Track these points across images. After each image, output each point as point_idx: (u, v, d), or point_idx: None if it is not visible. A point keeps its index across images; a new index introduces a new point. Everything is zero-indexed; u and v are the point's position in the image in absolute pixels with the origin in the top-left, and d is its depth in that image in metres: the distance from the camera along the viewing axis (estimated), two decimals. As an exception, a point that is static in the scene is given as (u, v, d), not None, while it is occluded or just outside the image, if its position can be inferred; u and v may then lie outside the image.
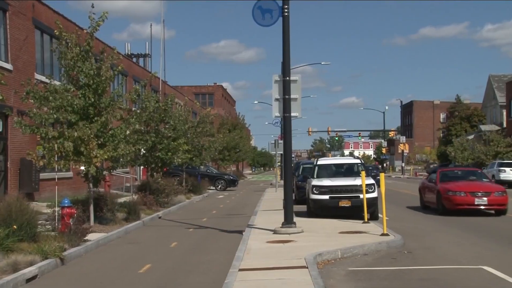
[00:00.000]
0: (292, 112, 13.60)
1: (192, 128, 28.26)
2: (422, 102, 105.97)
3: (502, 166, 38.82)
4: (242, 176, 65.93)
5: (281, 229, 13.35)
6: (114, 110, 14.91)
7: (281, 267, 9.31)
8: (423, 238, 13.32)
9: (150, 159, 22.25)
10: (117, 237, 14.32)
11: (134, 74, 36.03)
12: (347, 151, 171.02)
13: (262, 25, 13.55)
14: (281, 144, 30.99)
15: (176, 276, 9.61)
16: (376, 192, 16.50)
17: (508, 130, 52.47)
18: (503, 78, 62.88)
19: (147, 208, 19.49)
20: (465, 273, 9.29)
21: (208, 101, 73.97)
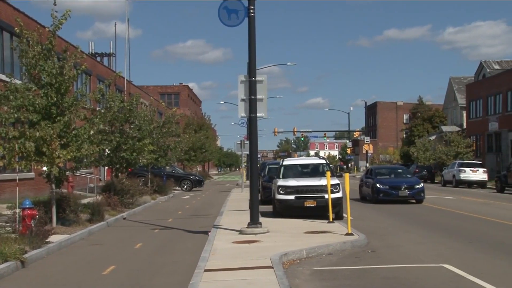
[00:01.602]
0: (258, 112, 13.64)
1: (158, 128, 28.03)
2: (385, 103, 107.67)
3: (462, 166, 39.82)
4: (208, 177, 65.72)
5: (247, 229, 13.38)
6: (78, 110, 14.68)
7: (247, 267, 9.33)
8: (387, 237, 13.55)
9: (115, 160, 21.97)
10: (80, 238, 14.10)
11: (98, 73, 35.50)
12: (313, 151, 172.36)
13: (228, 26, 13.55)
14: (247, 144, 31.04)
15: (140, 277, 9.52)
16: (341, 192, 16.70)
17: (468, 131, 53.83)
18: (463, 80, 64.43)
19: (112, 209, 19.26)
20: (426, 271, 9.49)
21: (173, 101, 73.48)
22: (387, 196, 23.04)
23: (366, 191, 24.80)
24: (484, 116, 49.38)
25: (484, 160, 46.20)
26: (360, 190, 25.91)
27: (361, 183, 26.18)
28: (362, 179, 26.48)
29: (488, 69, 55.14)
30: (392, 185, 23.23)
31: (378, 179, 23.91)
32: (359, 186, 26.17)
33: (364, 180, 25.67)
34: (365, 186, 25.13)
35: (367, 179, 25.19)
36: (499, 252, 11.30)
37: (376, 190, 23.25)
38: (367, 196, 24.67)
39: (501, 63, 56.30)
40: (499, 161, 45.08)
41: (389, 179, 24.25)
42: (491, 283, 8.33)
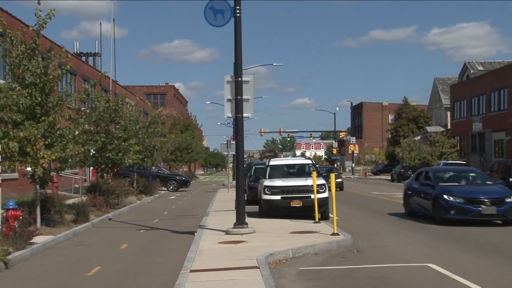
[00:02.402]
0: (244, 112, 13.65)
1: (144, 128, 27.93)
2: (371, 104, 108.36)
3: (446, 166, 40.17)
4: (194, 177, 65.57)
5: (233, 229, 13.38)
6: (63, 110, 14.58)
7: (233, 267, 9.32)
8: (372, 237, 13.63)
9: (100, 160, 21.84)
10: (65, 239, 14.00)
11: (83, 73, 35.26)
12: (299, 151, 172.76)
13: (214, 26, 13.54)
14: (233, 144, 31.04)
15: (126, 278, 9.47)
16: (327, 192, 16.76)
17: (452, 131, 54.33)
18: (447, 81, 64.99)
19: (97, 209, 19.15)
20: (411, 271, 9.57)
21: (159, 101, 73.20)
22: (463, 215, 15.43)
23: (420, 204, 17.31)
24: (468, 117, 49.88)
25: (468, 160, 46.69)
26: (407, 202, 18.40)
27: (408, 191, 18.45)
28: (409, 185, 18.70)
29: (472, 70, 55.69)
30: (469, 198, 15.54)
31: (444, 187, 16.40)
32: (405, 195, 18.67)
33: (415, 187, 17.96)
34: (416, 197, 17.67)
35: (421, 186, 17.58)
36: (483, 252, 11.42)
37: (445, 205, 15.68)
38: (421, 211, 17.30)
39: (485, 64, 56.88)
40: (483, 161, 45.58)
41: (461, 187, 16.57)
42: (474, 282, 8.42)
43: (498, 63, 55.25)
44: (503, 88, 43.62)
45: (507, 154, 41.82)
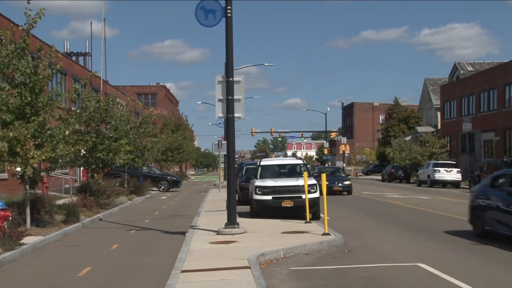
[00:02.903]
0: (236, 112, 13.65)
1: (134, 128, 27.85)
2: (362, 104, 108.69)
3: (437, 166, 40.40)
4: (185, 177, 65.44)
5: (224, 229, 13.37)
6: (53, 110, 14.50)
7: (224, 267, 9.32)
8: (363, 237, 13.67)
9: (91, 160, 21.74)
10: (55, 240, 13.92)
11: (73, 73, 35.09)
12: (290, 151, 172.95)
13: (205, 26, 13.51)
14: (224, 144, 31.03)
15: (117, 279, 9.44)
16: (318, 193, 16.79)
17: (443, 131, 54.62)
18: (437, 81, 65.34)
19: (87, 210, 19.07)
20: (402, 270, 9.61)
21: (150, 101, 73.00)
22: None
23: (501, 219, 12.34)
24: (458, 117, 50.18)
25: (458, 161, 46.96)
26: (479, 217, 13.36)
27: (481, 202, 13.42)
28: (482, 193, 13.65)
29: (461, 70, 56.03)
30: None
31: None
32: (475, 208, 13.66)
33: (495, 197, 12.83)
34: (498, 211, 12.54)
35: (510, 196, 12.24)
36: (472, 251, 11.50)
37: None
38: (508, 231, 12.09)
39: (474, 65, 57.25)
40: (473, 161, 45.87)
41: None
42: (464, 281, 8.47)
43: (487, 64, 55.63)
44: (493, 89, 43.93)
45: (496, 154, 42.12)
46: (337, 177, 31.50)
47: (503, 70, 43.06)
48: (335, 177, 30.97)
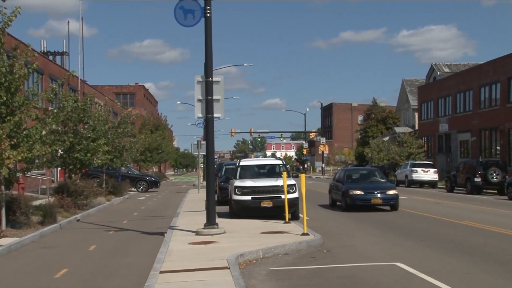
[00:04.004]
0: (215, 113, 13.63)
1: (113, 128, 27.61)
2: (341, 105, 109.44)
3: (414, 166, 40.89)
4: (165, 177, 65.11)
5: (204, 230, 13.34)
6: (29, 110, 14.31)
7: (203, 268, 9.30)
8: (342, 237, 13.76)
9: (68, 160, 21.51)
10: (32, 241, 13.73)
11: (50, 72, 34.65)
12: (270, 152, 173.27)
13: (184, 26, 13.47)
14: (204, 145, 30.94)
15: (94, 280, 9.35)
16: (297, 193, 16.84)
17: (420, 132, 55.27)
18: (415, 82, 66.08)
19: (65, 210, 18.86)
20: (380, 270, 9.70)
21: (129, 101, 72.47)
22: None
23: None
24: (435, 118, 50.83)
25: (435, 161, 47.55)
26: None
27: None
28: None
29: (438, 72, 56.76)
30: None
31: None
32: None
33: None
34: None
35: None
36: (449, 250, 11.66)
37: None
38: None
39: (451, 66, 58.06)
40: (449, 162, 46.51)
41: None
42: (440, 280, 8.58)
43: (463, 66, 56.45)
44: (468, 90, 44.60)
45: (472, 154, 42.77)
46: (374, 183, 21.28)
47: (479, 71, 43.75)
48: (371, 184, 21.13)
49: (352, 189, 20.10)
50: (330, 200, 22.81)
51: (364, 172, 23.53)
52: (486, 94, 41.80)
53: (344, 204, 20.48)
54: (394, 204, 20.20)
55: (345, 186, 20.72)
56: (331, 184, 23.48)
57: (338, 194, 21.27)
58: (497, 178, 30.89)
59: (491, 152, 40.73)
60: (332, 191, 22.62)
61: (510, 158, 37.30)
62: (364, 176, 22.61)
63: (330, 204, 22.64)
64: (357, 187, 20.32)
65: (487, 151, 41.28)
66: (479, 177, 31.29)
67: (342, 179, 21.75)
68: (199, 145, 33.57)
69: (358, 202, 19.99)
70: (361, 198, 19.91)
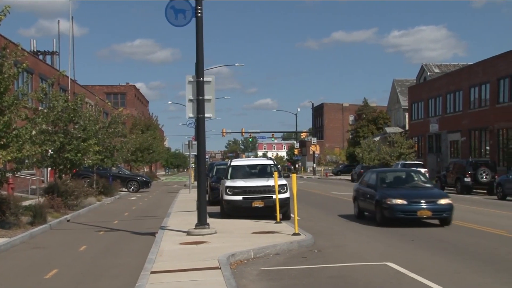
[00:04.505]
0: (206, 113, 13.61)
1: (104, 128, 27.50)
2: (332, 105, 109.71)
3: (404, 166, 41.01)
4: (156, 178, 64.94)
5: (195, 230, 13.32)
6: (19, 109, 14.22)
7: (194, 268, 9.29)
8: (333, 237, 13.80)
9: (58, 160, 21.39)
10: (21, 242, 13.64)
11: (40, 72, 34.45)
12: (261, 152, 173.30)
13: (175, 25, 13.44)
14: (195, 145, 30.86)
15: (85, 280, 9.31)
16: (288, 193, 16.86)
17: (411, 132, 55.53)
18: (405, 82, 66.41)
19: (55, 211, 18.75)
20: (370, 270, 9.74)
21: (120, 101, 72.26)
22: None
23: None
24: (425, 118, 51.08)
25: (425, 161, 47.80)
26: None
27: None
28: None
29: (429, 72, 57.08)
30: None
31: None
32: None
33: None
34: None
35: None
36: (439, 250, 11.72)
37: None
38: None
39: (441, 66, 58.39)
40: (439, 162, 46.76)
41: None
42: (430, 280, 8.63)
43: (453, 66, 56.82)
44: (458, 90, 44.87)
45: (462, 155, 43.04)
46: (419, 189, 16.72)
47: (468, 72, 44.03)
48: (415, 190, 16.57)
49: (390, 197, 15.41)
50: (356, 209, 18.20)
51: (403, 174, 18.48)
52: (476, 95, 42.08)
53: (379, 217, 15.77)
54: (447, 217, 15.51)
55: (380, 192, 16.03)
56: (356, 189, 18.63)
57: (369, 203, 16.70)
58: (486, 178, 31.11)
59: (480, 152, 41.00)
60: (359, 198, 17.88)
61: (499, 158, 37.58)
62: (403, 179, 17.67)
63: (356, 215, 18.08)
64: (397, 194, 15.63)
65: (477, 151, 41.55)
66: (469, 177, 31.49)
67: (375, 183, 16.90)
68: (190, 145, 33.50)
69: (400, 215, 15.27)
70: (403, 209, 15.24)
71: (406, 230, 14.80)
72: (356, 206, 18.31)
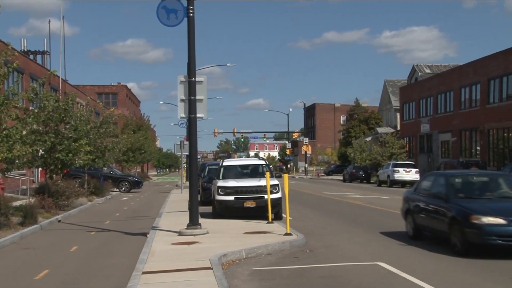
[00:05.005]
0: (198, 113, 13.60)
1: (95, 128, 27.37)
2: (324, 105, 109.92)
3: (396, 166, 41.22)
4: (147, 178, 64.77)
5: (186, 230, 13.31)
6: (9, 109, 14.14)
7: (186, 268, 9.28)
8: (324, 237, 13.82)
9: (49, 161, 21.27)
10: (11, 242, 13.56)
11: (31, 71, 34.26)
12: (253, 152, 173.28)
13: (167, 25, 13.42)
14: (186, 145, 30.81)
15: (76, 281, 9.27)
16: (280, 193, 16.88)
17: (402, 132, 55.75)
18: (397, 83, 66.65)
19: (46, 211, 18.65)
20: (362, 269, 9.77)
21: (111, 101, 71.98)
22: None
23: None
24: (417, 118, 51.30)
25: (417, 161, 48.02)
26: None
27: None
28: None
29: (420, 72, 57.31)
30: None
31: None
32: None
33: None
34: None
35: None
36: (430, 249, 11.75)
37: None
38: None
39: (432, 67, 58.66)
40: (430, 162, 46.99)
41: None
42: (422, 279, 8.67)
43: (444, 67, 57.08)
44: (449, 91, 45.11)
45: (453, 155, 43.26)
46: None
47: (459, 72, 44.27)
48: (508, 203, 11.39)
49: (477, 214, 10.53)
50: (410, 227, 13.23)
51: (484, 179, 12.74)
52: (467, 95, 42.31)
53: (459, 242, 10.89)
54: None
55: (456, 206, 11.20)
56: (410, 198, 13.49)
57: (435, 219, 11.97)
58: (477, 178, 31.19)
59: (471, 152, 41.23)
60: (416, 212, 12.91)
61: (489, 158, 37.82)
62: (485, 186, 12.28)
63: (410, 234, 13.08)
64: (487, 209, 10.68)
65: (467, 151, 41.78)
66: (460, 177, 31.56)
67: (444, 192, 11.87)
68: (182, 145, 33.44)
69: (495, 240, 10.31)
70: (502, 232, 10.28)
71: (398, 230, 14.68)
72: (410, 223, 13.16)
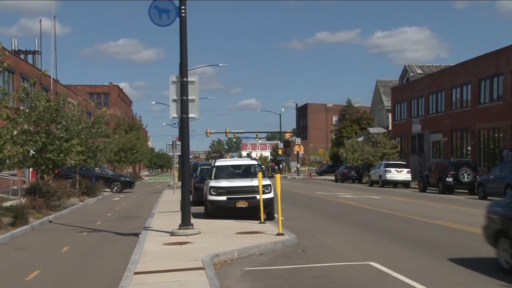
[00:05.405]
0: (190, 113, 13.58)
1: (86, 128, 27.23)
2: (316, 105, 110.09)
3: (388, 167, 41.39)
4: (139, 178, 64.56)
5: (178, 230, 13.28)
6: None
7: (178, 269, 9.26)
8: (317, 237, 13.84)
9: (40, 161, 21.16)
10: (2, 243, 13.48)
11: (22, 71, 34.07)
12: (245, 152, 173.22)
13: (159, 25, 13.39)
14: (179, 145, 30.77)
15: (67, 282, 9.23)
16: (272, 193, 16.89)
17: (394, 132, 55.94)
18: (389, 83, 66.85)
19: (37, 212, 18.55)
20: (354, 269, 9.79)
21: (103, 101, 71.71)
22: None
23: None
24: (408, 118, 51.50)
25: (408, 161, 48.19)
26: None
27: None
28: None
29: (411, 73, 57.53)
30: None
31: None
32: None
33: None
34: None
35: None
36: (422, 249, 11.82)
37: None
38: None
39: (423, 67, 58.89)
40: (422, 162, 47.19)
41: None
42: (413, 279, 8.70)
43: (435, 67, 57.33)
44: (441, 91, 45.31)
45: (444, 155, 43.46)
46: None
47: (450, 73, 44.49)
48: None
49: None
50: (504, 256, 9.09)
51: None
52: (458, 95, 42.53)
53: None
54: None
55: None
56: (499, 214, 9.52)
57: None
58: (468, 178, 31.46)
59: (462, 153, 41.45)
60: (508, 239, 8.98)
61: (480, 159, 38.03)
62: None
63: (506, 267, 9.01)
64: None
65: (459, 152, 41.99)
66: (451, 177, 31.83)
67: None
68: (174, 145, 33.37)
69: None
70: None
71: (390, 230, 14.88)
72: (504, 250, 9.16)
